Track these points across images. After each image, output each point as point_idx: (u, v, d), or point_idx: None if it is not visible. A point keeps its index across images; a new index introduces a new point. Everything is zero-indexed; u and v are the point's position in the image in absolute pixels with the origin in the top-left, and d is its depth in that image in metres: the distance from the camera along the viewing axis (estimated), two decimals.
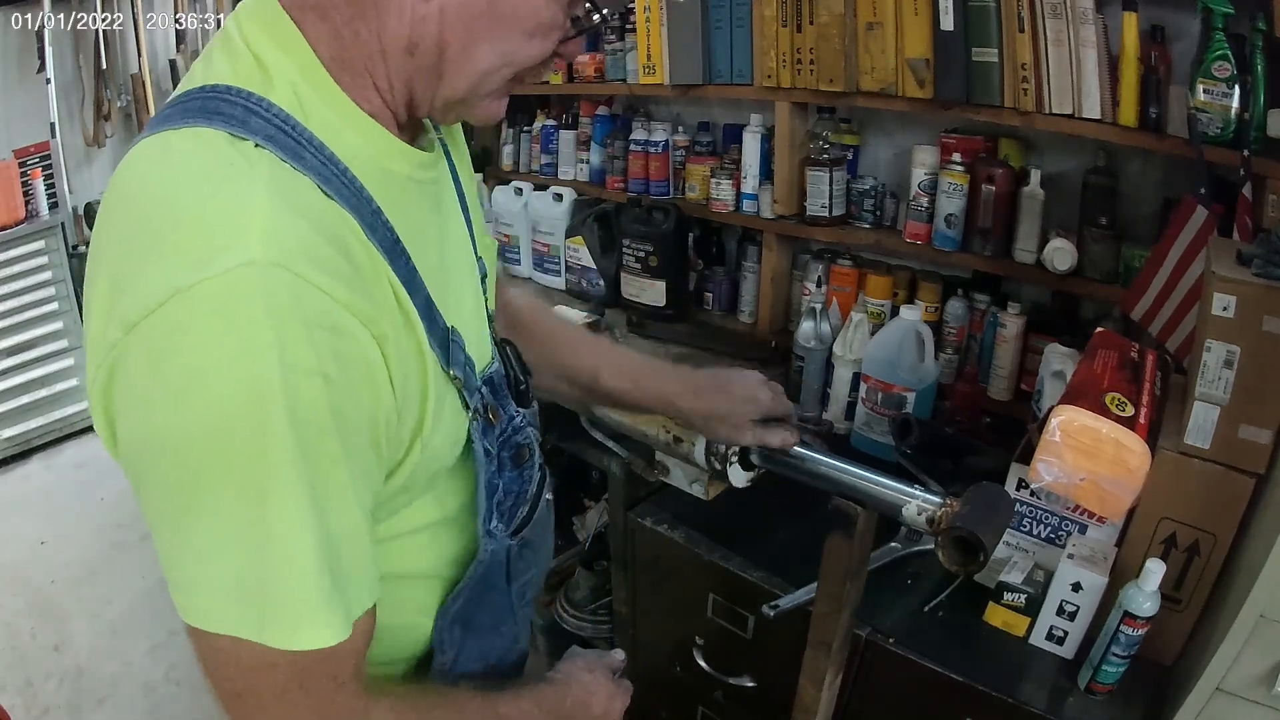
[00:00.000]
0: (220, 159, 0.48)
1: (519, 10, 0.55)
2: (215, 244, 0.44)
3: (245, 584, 0.47)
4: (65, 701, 1.99)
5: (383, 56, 0.54)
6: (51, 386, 3.02)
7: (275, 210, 0.47)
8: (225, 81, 0.52)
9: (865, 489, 0.84)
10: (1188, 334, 1.15)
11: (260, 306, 0.44)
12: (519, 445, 0.70)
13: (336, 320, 0.48)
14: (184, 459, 0.46)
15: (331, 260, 0.48)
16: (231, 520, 0.47)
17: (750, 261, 1.88)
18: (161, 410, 0.45)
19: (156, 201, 0.47)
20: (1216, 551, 0.97)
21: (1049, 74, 1.29)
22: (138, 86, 3.28)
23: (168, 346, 0.44)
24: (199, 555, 0.48)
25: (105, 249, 0.49)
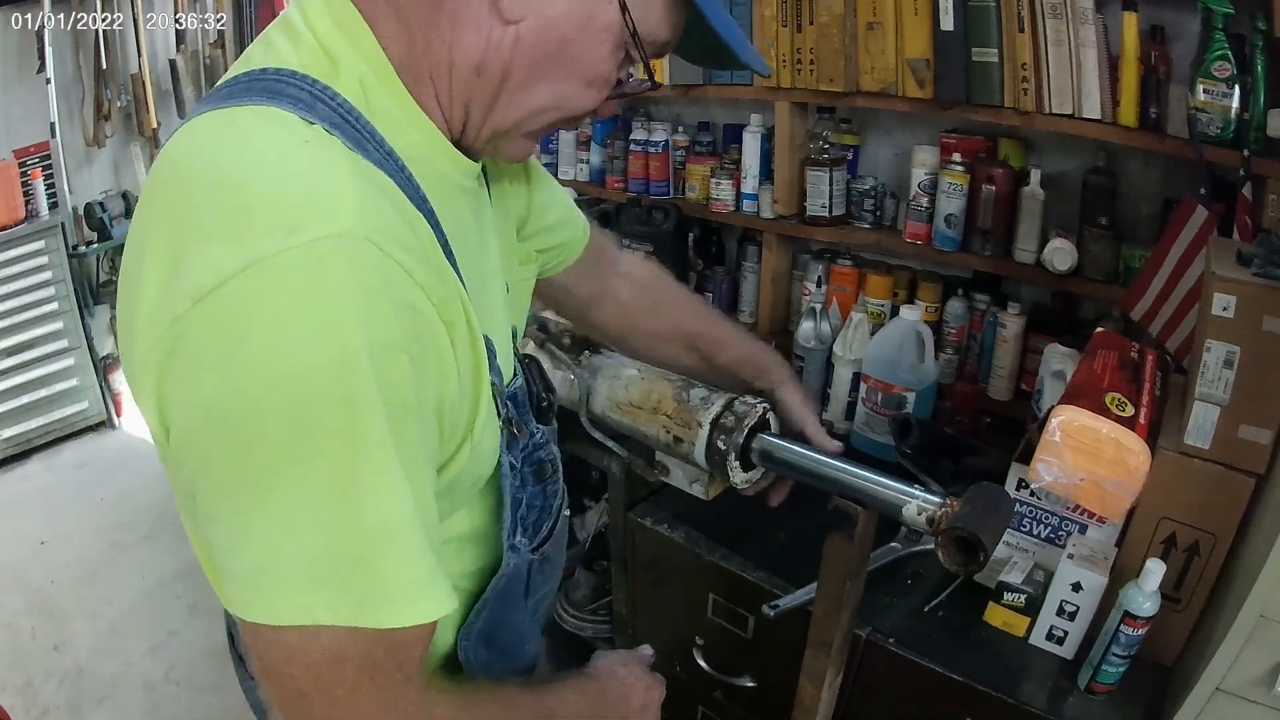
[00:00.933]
0: (295, 134, 0.47)
1: (584, 58, 0.55)
2: (302, 213, 0.43)
3: (332, 565, 0.45)
4: (65, 701, 2.00)
5: (450, 70, 0.54)
6: (51, 386, 3.02)
7: (361, 186, 0.46)
8: (289, 66, 0.51)
9: (865, 489, 0.84)
10: (1188, 334, 1.15)
11: (350, 278, 0.43)
12: (541, 461, 0.70)
13: (416, 300, 0.47)
14: (262, 436, 0.43)
15: (411, 242, 0.48)
16: (319, 498, 0.44)
17: (750, 261, 1.88)
18: (236, 383, 0.43)
19: (227, 173, 0.45)
20: (1216, 551, 0.97)
21: (1049, 74, 1.29)
22: (138, 86, 3.28)
23: (246, 316, 0.42)
24: (274, 541, 0.44)
25: (159, 222, 0.46)
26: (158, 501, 2.80)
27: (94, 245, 3.14)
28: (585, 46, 0.55)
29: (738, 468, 0.95)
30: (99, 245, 3.14)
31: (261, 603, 0.45)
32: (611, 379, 1.06)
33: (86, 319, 3.10)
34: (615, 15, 0.54)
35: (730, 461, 0.93)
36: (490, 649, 0.71)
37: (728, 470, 0.94)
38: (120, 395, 3.26)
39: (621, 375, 1.05)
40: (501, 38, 0.53)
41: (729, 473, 0.94)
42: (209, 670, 2.10)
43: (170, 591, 2.37)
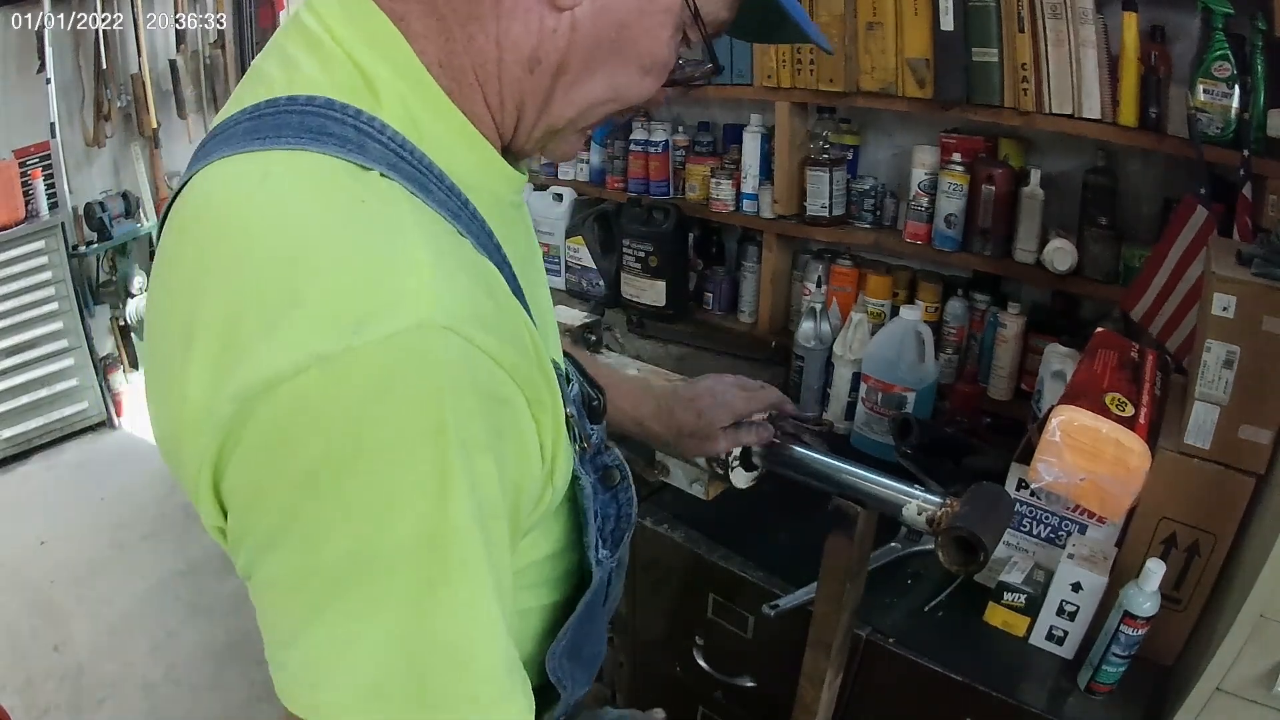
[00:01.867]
0: (349, 195, 0.40)
1: (642, 44, 0.50)
2: (369, 301, 0.37)
3: (400, 680, 0.40)
4: (65, 701, 2.00)
5: (499, 68, 0.48)
6: (51, 386, 3.02)
7: (434, 254, 0.39)
8: (324, 93, 0.44)
9: (865, 489, 0.84)
10: (1188, 334, 1.15)
11: (431, 377, 0.37)
12: (607, 467, 0.64)
13: (503, 390, 0.42)
14: (336, 537, 0.38)
15: (493, 318, 0.42)
16: (396, 612, 0.39)
17: (750, 261, 1.88)
18: (302, 486, 0.37)
19: (264, 250, 0.38)
20: (1216, 551, 0.97)
21: (1049, 74, 1.29)
22: (138, 86, 3.28)
23: (311, 417, 0.36)
24: (341, 649, 0.40)
25: (191, 298, 0.40)
26: (158, 501, 2.80)
27: (94, 245, 3.14)
28: (644, 30, 0.49)
29: (739, 469, 0.95)
30: (99, 245, 3.14)
31: (315, 705, 0.43)
32: None
33: (86, 319, 3.10)
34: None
35: (732, 462, 0.93)
36: (575, 662, 0.67)
37: (729, 470, 0.94)
38: (120, 395, 3.26)
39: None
40: (556, 25, 0.47)
41: (730, 473, 0.94)
42: (209, 670, 2.10)
43: (170, 591, 2.37)
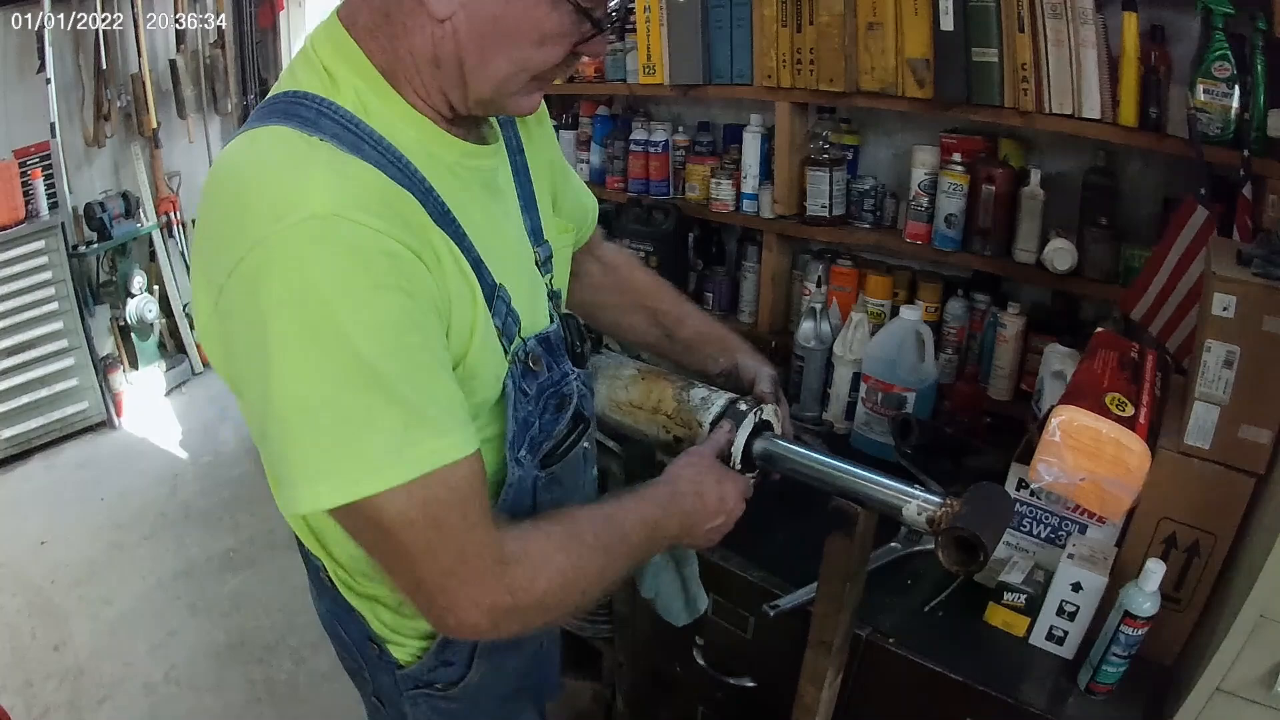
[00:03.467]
0: (290, 148, 0.60)
1: (521, 26, 0.63)
2: (283, 205, 0.55)
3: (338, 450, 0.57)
4: (65, 701, 1.99)
5: (417, 69, 0.65)
6: (51, 386, 3.02)
7: (329, 178, 0.58)
8: (302, 88, 0.64)
9: (865, 489, 0.84)
10: (1188, 334, 1.15)
11: (329, 244, 0.55)
12: (563, 395, 0.79)
13: (391, 248, 0.58)
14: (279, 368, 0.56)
15: (381, 211, 0.58)
16: (328, 403, 0.56)
17: (750, 261, 1.88)
18: (257, 332, 0.55)
19: (240, 182, 0.59)
20: (1216, 551, 0.97)
21: (1049, 74, 1.29)
22: (138, 86, 3.28)
23: (257, 279, 0.55)
24: (312, 447, 0.56)
25: (203, 223, 0.61)
26: (158, 501, 2.80)
27: (94, 245, 3.13)
28: (517, 15, 0.62)
29: (739, 470, 0.94)
30: (99, 245, 3.14)
31: (327, 494, 0.57)
32: (611, 379, 1.05)
33: (86, 319, 3.10)
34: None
35: (734, 463, 0.93)
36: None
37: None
38: (120, 395, 3.26)
39: (621, 375, 1.05)
40: (442, 33, 0.63)
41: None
42: (209, 670, 2.10)
43: (170, 591, 2.37)
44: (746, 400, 0.95)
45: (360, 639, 0.86)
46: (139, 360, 3.37)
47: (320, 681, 2.02)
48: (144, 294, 3.30)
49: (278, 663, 2.12)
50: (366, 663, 0.88)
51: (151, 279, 3.41)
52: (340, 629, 0.88)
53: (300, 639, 2.16)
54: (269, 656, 2.14)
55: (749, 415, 0.92)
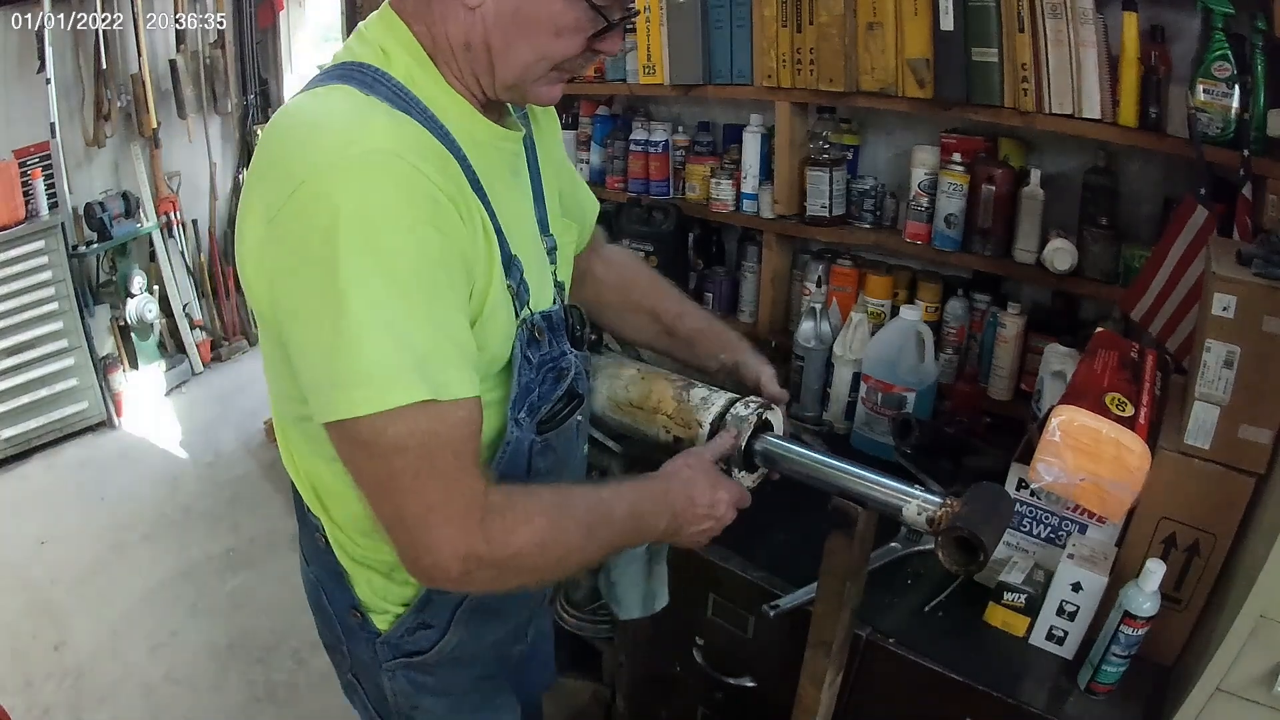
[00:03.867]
0: (354, 100, 0.67)
1: (540, 16, 0.69)
2: (353, 138, 0.62)
3: (393, 356, 0.61)
4: (65, 701, 1.99)
5: (453, 52, 0.72)
6: (51, 386, 3.02)
7: (391, 125, 0.66)
8: (358, 59, 0.71)
9: (865, 489, 0.84)
10: (1188, 334, 1.15)
11: (387, 176, 0.62)
12: (561, 368, 0.84)
13: (436, 196, 0.64)
14: (320, 283, 0.60)
15: (432, 161, 0.66)
16: (386, 310, 0.61)
17: (750, 261, 1.88)
18: (305, 251, 0.61)
19: (308, 123, 0.66)
20: (1216, 551, 0.97)
21: (1049, 74, 1.29)
22: (138, 86, 3.28)
23: (317, 200, 0.60)
24: (354, 351, 0.61)
25: (264, 159, 0.67)
26: (158, 501, 2.80)
27: (94, 245, 3.13)
28: (536, 7, 0.68)
29: (741, 471, 0.94)
30: (99, 245, 3.14)
31: (343, 401, 0.61)
32: (611, 379, 1.05)
33: (86, 319, 3.10)
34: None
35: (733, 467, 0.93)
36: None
37: (730, 471, 0.94)
38: (120, 395, 3.26)
39: (621, 375, 1.05)
40: (471, 19, 0.69)
41: (731, 474, 0.94)
42: (209, 670, 2.10)
43: (170, 591, 2.37)
44: (747, 402, 0.95)
45: (343, 608, 0.87)
46: (139, 360, 3.37)
47: (320, 682, 2.02)
48: (144, 294, 3.30)
49: (278, 663, 2.12)
50: (346, 634, 0.89)
51: (151, 279, 3.41)
52: (324, 598, 0.89)
53: (300, 639, 2.16)
54: (269, 657, 2.14)
55: (749, 417, 0.92)
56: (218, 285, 3.82)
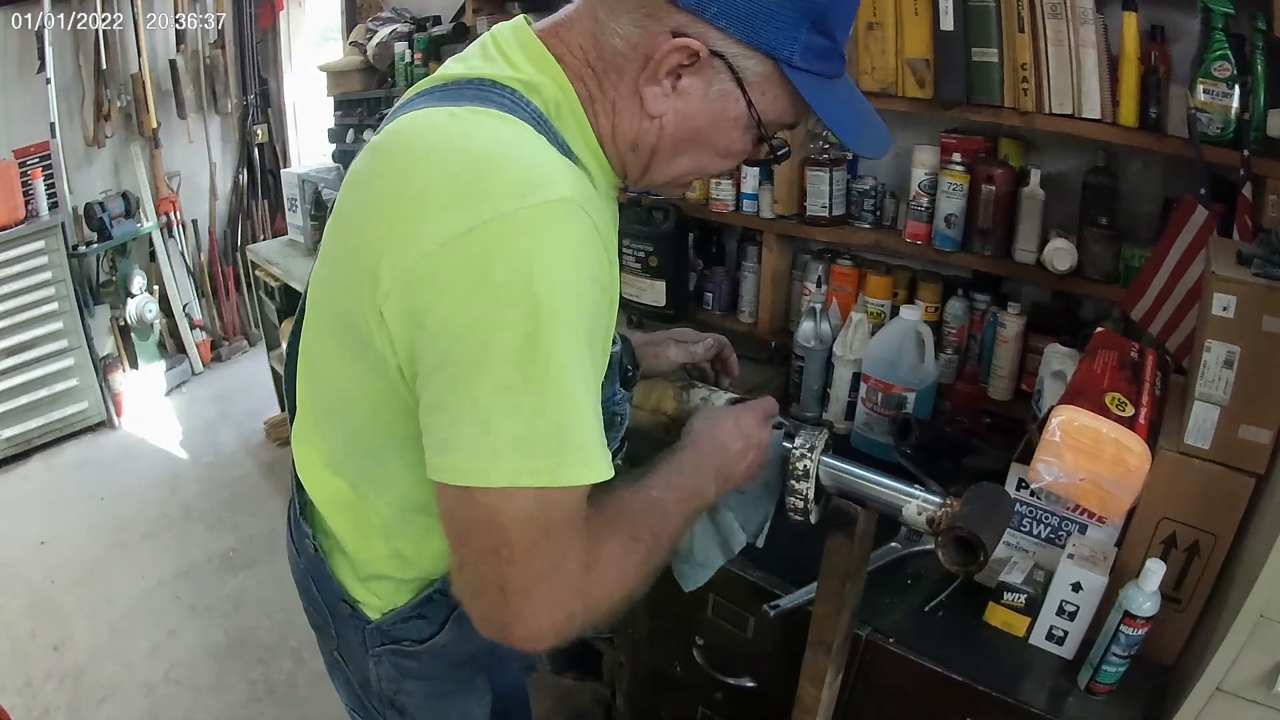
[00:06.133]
0: (511, 126, 0.62)
1: (718, 142, 0.70)
2: (532, 182, 0.58)
3: (536, 439, 0.58)
4: (65, 701, 1.99)
5: (612, 140, 0.70)
6: (51, 386, 3.02)
7: (566, 166, 0.63)
8: (495, 79, 0.66)
9: (865, 489, 0.84)
10: (1188, 334, 1.15)
11: (570, 229, 0.59)
12: (614, 413, 0.82)
13: (601, 252, 0.62)
14: (496, 340, 0.57)
15: (603, 215, 0.64)
16: (533, 386, 0.57)
17: (750, 261, 1.88)
18: (484, 302, 0.57)
19: (458, 153, 0.60)
20: (1216, 551, 0.97)
21: (1049, 74, 1.29)
22: (138, 86, 3.28)
23: (489, 254, 0.56)
24: (495, 419, 0.57)
25: (397, 186, 0.61)
26: (158, 501, 2.80)
27: (94, 245, 3.13)
28: (718, 133, 0.69)
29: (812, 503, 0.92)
30: (99, 245, 3.14)
31: (477, 470, 0.58)
32: None
33: (86, 319, 3.10)
34: (744, 109, 0.67)
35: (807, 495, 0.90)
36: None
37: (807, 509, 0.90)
38: (120, 395, 3.26)
39: None
40: (649, 126, 0.68)
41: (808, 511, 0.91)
42: (209, 670, 2.10)
43: (170, 591, 2.37)
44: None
45: (333, 599, 0.87)
46: (139, 360, 3.37)
47: (320, 681, 2.02)
48: (144, 294, 3.30)
49: (278, 663, 2.12)
50: (334, 619, 0.89)
51: (151, 279, 3.41)
52: (313, 585, 0.89)
53: (300, 639, 2.16)
54: (269, 656, 2.14)
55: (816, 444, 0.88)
56: (218, 285, 3.82)
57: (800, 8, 0.63)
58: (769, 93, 0.67)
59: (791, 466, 0.87)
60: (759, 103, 0.67)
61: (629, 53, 0.66)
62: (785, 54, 0.64)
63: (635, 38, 0.65)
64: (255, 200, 3.87)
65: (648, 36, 0.65)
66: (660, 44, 0.64)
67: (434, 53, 2.49)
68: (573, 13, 0.69)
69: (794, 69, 0.65)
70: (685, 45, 0.63)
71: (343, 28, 3.22)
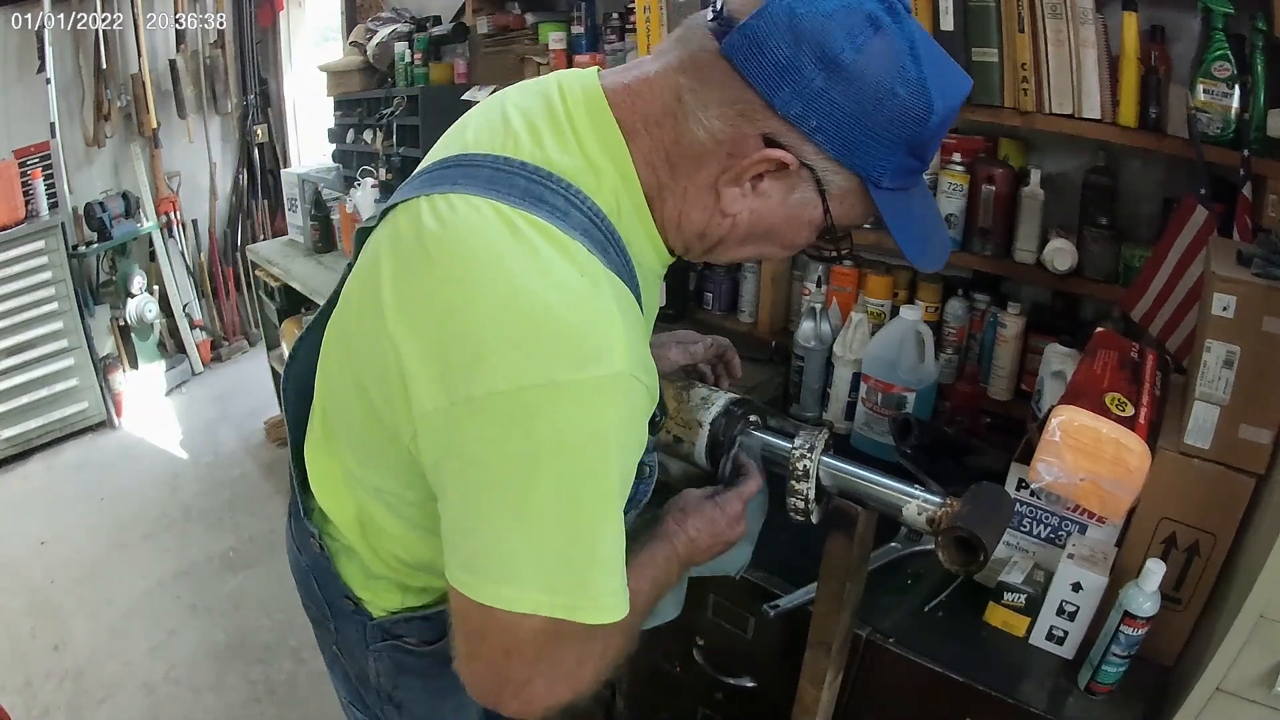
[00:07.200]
0: (573, 264, 0.60)
1: (784, 237, 0.69)
2: (590, 352, 0.57)
3: (562, 577, 0.60)
4: (65, 701, 2.00)
5: (677, 226, 0.69)
6: (51, 386, 3.02)
7: (625, 326, 0.60)
8: (557, 172, 0.63)
9: (865, 489, 0.84)
10: (1188, 334, 1.15)
11: (620, 402, 0.59)
12: (643, 463, 0.79)
13: (647, 407, 0.63)
14: (534, 488, 0.58)
15: (647, 360, 0.63)
16: (565, 531, 0.59)
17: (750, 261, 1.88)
18: (525, 447, 0.57)
19: (520, 295, 0.58)
20: (1216, 551, 0.97)
21: (1049, 74, 1.29)
22: (138, 86, 3.29)
23: (534, 419, 0.56)
24: (525, 553, 0.59)
25: (445, 308, 0.59)
26: (158, 501, 2.80)
27: (94, 245, 3.14)
28: (789, 232, 0.68)
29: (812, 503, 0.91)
30: (99, 245, 3.14)
31: (504, 596, 0.59)
32: None
33: (86, 319, 3.10)
34: (820, 215, 0.66)
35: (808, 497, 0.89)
36: None
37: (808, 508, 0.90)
38: (120, 395, 3.26)
39: None
40: (721, 222, 0.67)
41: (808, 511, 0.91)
42: (209, 670, 2.10)
43: (170, 591, 2.37)
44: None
45: (336, 595, 0.87)
46: (139, 360, 3.37)
47: (320, 681, 2.02)
48: (144, 294, 3.31)
49: (278, 663, 2.12)
50: (335, 614, 0.89)
51: (151, 279, 3.41)
52: (314, 582, 0.89)
53: (300, 639, 2.16)
54: (269, 656, 2.14)
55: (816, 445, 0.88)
56: (218, 285, 3.82)
57: (902, 136, 0.61)
58: (847, 202, 0.66)
59: (792, 467, 0.87)
60: (835, 210, 0.66)
61: (713, 147, 0.63)
62: (875, 175, 0.63)
63: (723, 134, 0.62)
64: (255, 200, 3.87)
65: (737, 136, 0.62)
66: (749, 147, 0.62)
67: (434, 53, 2.49)
68: (653, 78, 0.65)
69: (880, 189, 0.64)
70: (778, 159, 0.61)
71: (343, 28, 3.22)
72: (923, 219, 0.70)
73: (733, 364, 1.08)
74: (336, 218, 2.73)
